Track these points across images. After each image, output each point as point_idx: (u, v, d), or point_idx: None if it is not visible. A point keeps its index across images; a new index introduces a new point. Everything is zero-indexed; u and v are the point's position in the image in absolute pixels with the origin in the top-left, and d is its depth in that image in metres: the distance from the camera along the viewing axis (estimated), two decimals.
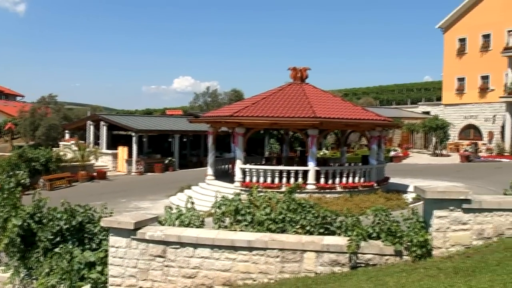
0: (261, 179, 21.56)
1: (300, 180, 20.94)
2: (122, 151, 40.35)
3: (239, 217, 10.46)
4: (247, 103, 23.55)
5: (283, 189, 16.09)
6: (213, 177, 24.81)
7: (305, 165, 21.86)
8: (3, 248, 12.35)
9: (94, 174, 36.28)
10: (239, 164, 22.24)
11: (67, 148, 40.06)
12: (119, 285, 10.21)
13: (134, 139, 39.32)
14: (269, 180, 21.47)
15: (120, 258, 10.18)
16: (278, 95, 23.54)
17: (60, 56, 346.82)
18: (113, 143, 42.60)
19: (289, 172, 21.55)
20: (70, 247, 11.31)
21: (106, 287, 10.51)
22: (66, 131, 50.55)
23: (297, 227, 10.01)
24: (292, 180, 20.96)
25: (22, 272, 12.27)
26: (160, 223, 10.95)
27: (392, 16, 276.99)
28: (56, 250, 11.41)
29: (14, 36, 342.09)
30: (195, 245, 9.73)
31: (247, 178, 21.95)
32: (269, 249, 9.43)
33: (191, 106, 77.77)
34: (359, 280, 8.46)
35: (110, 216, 11.32)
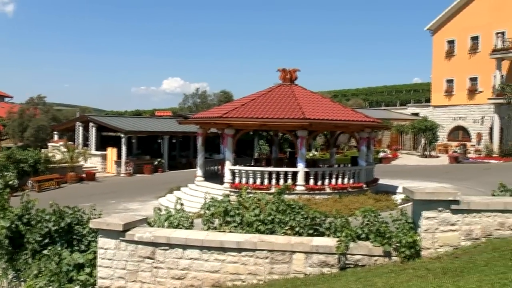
0: (251, 180, 21.56)
1: (290, 182, 20.95)
2: (111, 153, 40.21)
3: (228, 218, 10.46)
4: (237, 104, 23.56)
5: (273, 190, 16.12)
6: (203, 178, 24.78)
7: (295, 167, 21.89)
8: None
9: (83, 176, 36.15)
10: (229, 165, 22.23)
11: (56, 149, 39.83)
12: (108, 287, 10.18)
13: (123, 140, 39.21)
14: (259, 182, 21.46)
15: (109, 260, 10.16)
16: (268, 96, 23.56)
17: (49, 57, 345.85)
18: (102, 144, 42.45)
19: (279, 174, 21.57)
20: (59, 249, 11.25)
21: None
22: (55, 132, 50.32)
23: (286, 228, 10.02)
24: (282, 182, 20.95)
25: (10, 274, 12.18)
26: (149, 225, 10.93)
27: (382, 18, 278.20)
28: (45, 252, 11.34)
29: (3, 37, 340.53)
30: (184, 246, 9.72)
31: (237, 179, 21.95)
32: (258, 250, 9.44)
33: (181, 107, 77.68)
34: (348, 281, 8.48)
35: (99, 218, 11.28)
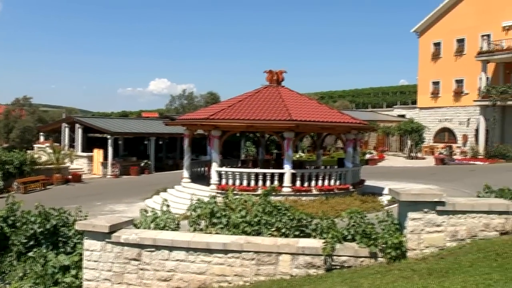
0: (237, 182, 21.54)
1: (276, 183, 20.95)
2: (98, 154, 40.02)
3: (215, 220, 10.47)
4: (223, 106, 23.53)
5: (259, 192, 16.09)
6: (189, 180, 24.73)
7: (281, 168, 21.89)
8: None
9: (69, 177, 35.95)
10: (215, 167, 22.21)
11: (42, 151, 39.56)
12: None
13: (110, 142, 39.04)
14: (245, 183, 21.46)
15: (95, 262, 10.12)
16: (254, 98, 23.56)
17: (36, 58, 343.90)
18: (89, 146, 42.21)
19: (265, 175, 21.57)
20: (44, 251, 11.21)
21: None
22: (41, 134, 50.02)
23: (273, 230, 10.04)
24: (268, 183, 20.94)
25: None
26: (136, 226, 10.91)
27: (368, 20, 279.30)
28: (30, 254, 11.30)
29: None
30: (171, 248, 9.71)
31: (223, 181, 21.93)
32: (245, 252, 9.44)
33: (167, 109, 77.66)
34: (334, 282, 8.50)
35: (85, 220, 11.26)
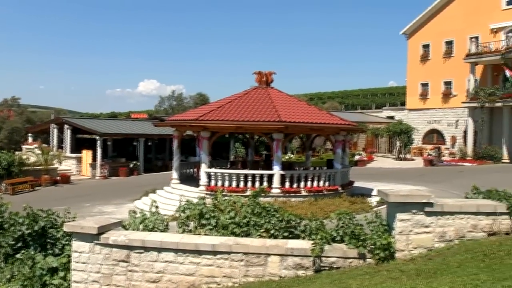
0: (226, 183, 21.53)
1: (265, 184, 20.95)
2: (87, 155, 39.90)
3: (204, 221, 10.46)
4: (212, 107, 23.51)
5: (248, 193, 16.09)
6: (178, 181, 24.69)
7: (270, 169, 21.90)
8: None
9: (58, 178, 35.78)
10: (204, 168, 22.19)
11: (30, 152, 39.35)
12: None
13: (99, 143, 38.93)
14: (234, 184, 21.45)
15: (83, 263, 10.09)
16: (244, 99, 23.55)
17: (24, 58, 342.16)
18: (77, 147, 42.07)
19: (254, 176, 21.56)
20: (32, 253, 11.15)
21: None
22: (29, 135, 49.85)
23: (262, 231, 10.04)
24: (257, 184, 20.94)
25: None
26: (124, 228, 10.88)
27: (358, 22, 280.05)
28: (18, 256, 11.24)
29: None
30: (159, 249, 9.69)
31: (212, 182, 21.90)
32: (234, 253, 9.44)
33: (157, 110, 77.62)
34: (323, 283, 8.52)
35: (73, 221, 11.20)
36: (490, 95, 41.17)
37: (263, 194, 15.66)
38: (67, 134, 42.36)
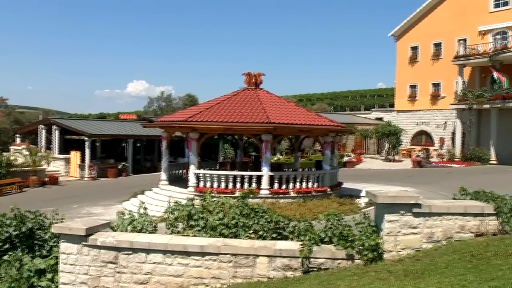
0: (215, 184, 21.51)
1: (254, 185, 20.94)
2: (75, 156, 39.76)
3: (192, 222, 10.44)
4: (201, 108, 23.48)
5: (237, 194, 16.11)
6: (167, 182, 24.65)
7: (259, 170, 21.90)
8: None
9: (46, 180, 35.63)
10: (193, 169, 22.16)
11: (18, 153, 39.15)
12: None
13: (87, 144, 38.82)
14: (223, 185, 21.44)
15: (71, 265, 10.04)
16: (232, 100, 23.55)
17: (11, 58, 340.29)
18: (66, 148, 41.91)
19: (243, 177, 21.56)
20: (20, 254, 11.08)
21: None
22: (17, 135, 49.60)
23: (250, 232, 10.04)
24: (246, 185, 20.93)
25: None
26: (113, 229, 10.84)
27: (347, 24, 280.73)
28: (5, 258, 11.16)
29: None
30: (148, 251, 9.67)
31: (201, 183, 21.88)
32: (222, 254, 9.44)
33: (145, 111, 77.53)
34: (311, 284, 8.53)
35: (61, 222, 11.14)
36: (478, 97, 41.38)
37: (252, 195, 15.65)
38: (56, 135, 42.19)
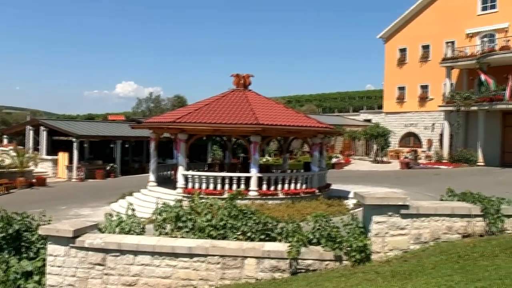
0: (204, 186, 21.48)
1: (243, 187, 20.94)
2: (63, 157, 39.57)
3: (180, 224, 10.43)
4: (190, 109, 23.44)
5: (226, 196, 16.09)
6: (155, 184, 24.58)
7: (248, 172, 21.88)
8: None
9: (34, 181, 35.42)
10: (181, 171, 22.11)
11: (5, 154, 38.94)
12: None
13: (75, 145, 38.63)
14: (212, 187, 21.40)
15: (59, 267, 10.00)
16: (221, 102, 23.53)
17: None
18: (54, 149, 41.73)
19: (232, 179, 21.53)
20: (6, 256, 11.01)
21: None
22: (4, 136, 49.36)
23: (238, 234, 10.05)
24: (235, 187, 20.91)
25: None
26: (100, 231, 10.81)
27: (336, 25, 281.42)
28: None
29: None
30: (136, 252, 9.65)
31: (190, 185, 21.83)
32: (210, 256, 9.44)
33: (134, 112, 77.40)
34: (299, 286, 8.55)
35: (49, 224, 11.10)
36: (466, 99, 41.60)
37: (240, 197, 15.66)
38: (43, 136, 41.99)
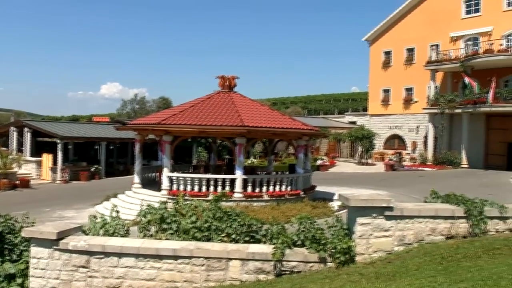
0: (188, 187, 21.44)
1: (228, 189, 20.93)
2: (47, 159, 39.32)
3: (165, 226, 10.41)
4: (175, 111, 23.40)
5: (210, 198, 16.07)
6: (140, 185, 24.49)
7: (233, 174, 21.87)
8: None
9: (17, 183, 35.14)
10: (166, 172, 22.05)
11: None
12: None
13: (60, 146, 38.38)
14: (196, 189, 21.37)
15: (42, 270, 9.94)
16: (206, 103, 23.50)
17: None
18: (38, 150, 41.45)
19: (217, 181, 21.51)
20: None
21: None
22: None
23: (223, 236, 10.04)
24: (220, 189, 20.89)
25: None
26: (84, 233, 10.76)
27: (321, 28, 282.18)
28: None
29: None
30: (120, 255, 9.61)
31: (174, 186, 21.79)
32: (195, 258, 9.43)
33: (119, 113, 77.09)
34: None
35: (32, 226, 11.04)
36: (450, 102, 41.89)
37: (225, 199, 15.63)
38: (27, 138, 41.71)
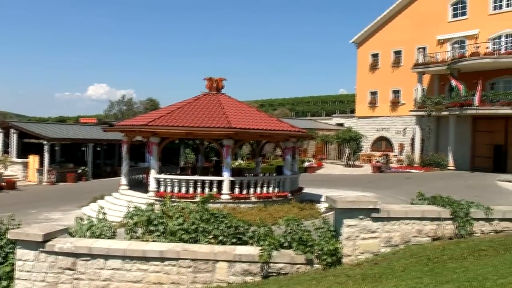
0: (176, 189, 21.40)
1: (215, 190, 20.91)
2: (33, 160, 39.12)
3: (152, 228, 10.39)
4: (163, 113, 23.36)
5: (198, 199, 16.06)
6: (127, 187, 24.43)
7: (220, 175, 21.86)
8: None
9: (3, 184, 34.91)
10: (154, 174, 22.01)
11: None
12: None
13: (46, 148, 38.20)
14: (184, 190, 21.33)
15: (28, 272, 9.89)
16: (194, 105, 23.48)
17: None
18: (24, 152, 41.21)
19: (204, 182, 21.50)
20: None
21: None
22: None
23: (210, 237, 10.04)
24: (207, 190, 20.87)
25: None
26: (71, 235, 10.72)
27: (309, 30, 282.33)
28: None
29: None
30: (106, 257, 9.58)
31: (162, 188, 21.74)
32: (182, 259, 9.41)
33: (106, 115, 76.82)
34: None
35: (18, 228, 10.96)
36: (437, 104, 42.09)
37: (212, 200, 15.66)
38: (14, 139, 41.47)
